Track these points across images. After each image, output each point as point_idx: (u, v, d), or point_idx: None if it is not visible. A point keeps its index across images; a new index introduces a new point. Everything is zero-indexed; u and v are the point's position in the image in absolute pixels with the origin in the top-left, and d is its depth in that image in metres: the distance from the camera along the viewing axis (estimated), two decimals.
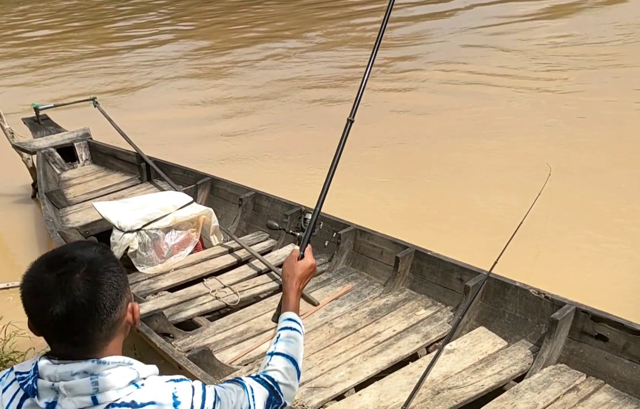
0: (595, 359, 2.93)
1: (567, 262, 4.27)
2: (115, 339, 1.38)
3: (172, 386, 1.38)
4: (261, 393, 1.56)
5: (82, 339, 1.32)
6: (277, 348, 1.68)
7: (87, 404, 1.29)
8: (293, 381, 1.64)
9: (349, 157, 6.35)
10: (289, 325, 1.75)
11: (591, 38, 9.63)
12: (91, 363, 1.31)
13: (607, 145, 6.01)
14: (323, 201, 2.08)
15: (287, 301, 1.82)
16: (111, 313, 1.34)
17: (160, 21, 17.23)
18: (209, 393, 1.43)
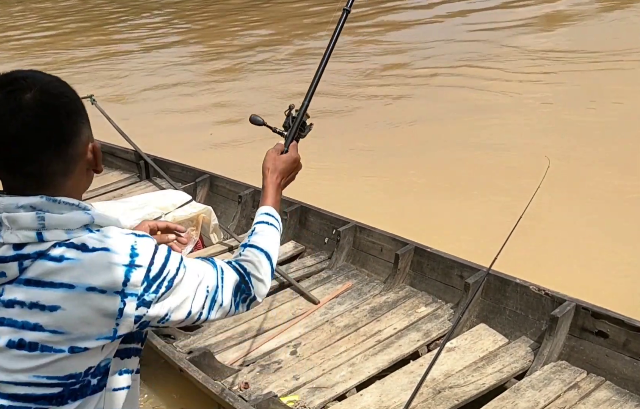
0: (595, 356, 2.93)
1: (567, 258, 4.27)
2: (72, 179, 1.28)
3: (133, 239, 1.27)
4: (231, 277, 1.44)
5: (36, 170, 1.22)
6: (250, 240, 1.54)
7: (31, 239, 1.20)
8: (266, 276, 1.50)
9: (346, 155, 6.41)
10: (266, 219, 1.60)
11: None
12: (39, 198, 1.21)
13: (609, 140, 6.00)
14: (312, 95, 1.87)
15: (266, 196, 1.66)
16: (68, 143, 1.24)
17: (163, 23, 17.16)
18: (174, 256, 1.32)
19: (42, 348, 1.19)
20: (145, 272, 1.25)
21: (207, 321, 1.40)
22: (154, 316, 1.27)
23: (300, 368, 3.18)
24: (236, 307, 1.44)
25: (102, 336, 1.22)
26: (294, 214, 4.48)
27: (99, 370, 1.26)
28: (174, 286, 1.29)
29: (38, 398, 1.21)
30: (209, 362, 3.14)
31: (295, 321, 3.59)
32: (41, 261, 1.20)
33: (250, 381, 3.10)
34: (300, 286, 3.88)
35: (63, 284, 1.19)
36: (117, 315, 1.22)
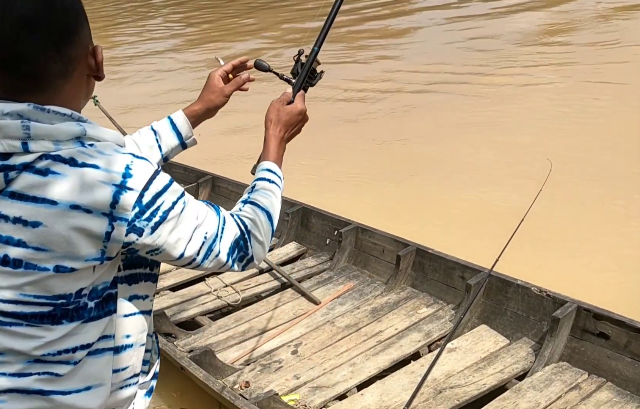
0: (597, 358, 2.93)
1: (568, 259, 4.26)
2: (71, 84, 1.21)
3: (129, 159, 1.19)
4: (232, 230, 1.35)
5: (32, 70, 1.15)
6: (251, 197, 1.44)
7: (16, 149, 1.13)
8: (266, 238, 1.40)
9: (344, 155, 6.41)
10: (267, 176, 1.49)
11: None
12: (27, 106, 1.15)
13: (612, 138, 6.00)
14: (323, 39, 1.74)
15: (267, 150, 1.55)
16: (66, 41, 1.17)
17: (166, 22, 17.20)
18: (174, 188, 1.24)
19: (27, 265, 1.16)
20: (138, 197, 1.17)
21: (200, 268, 1.33)
22: (144, 246, 1.21)
23: (301, 368, 3.18)
24: (232, 263, 1.35)
25: (90, 257, 1.16)
26: (296, 215, 4.49)
27: (96, 293, 1.21)
28: (168, 218, 1.22)
29: (27, 316, 1.18)
30: (210, 361, 3.15)
31: (297, 321, 3.59)
32: (26, 173, 1.14)
33: (251, 380, 3.10)
34: (302, 286, 3.88)
35: (46, 200, 1.14)
36: (103, 238, 1.16)
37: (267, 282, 4.07)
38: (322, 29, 1.74)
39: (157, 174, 1.21)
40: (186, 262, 1.29)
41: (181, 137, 1.79)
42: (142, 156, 1.22)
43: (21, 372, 1.20)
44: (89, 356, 1.24)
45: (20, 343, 1.19)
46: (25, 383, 1.21)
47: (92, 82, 1.27)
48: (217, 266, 1.34)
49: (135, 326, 1.30)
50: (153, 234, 1.20)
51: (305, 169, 6.17)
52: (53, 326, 1.19)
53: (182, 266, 1.31)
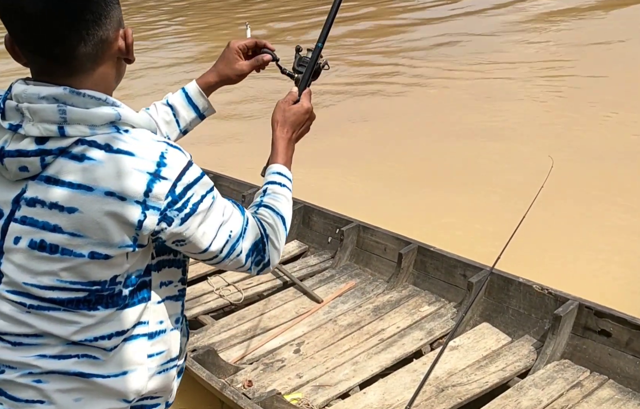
0: (598, 355, 2.94)
1: (570, 257, 4.27)
2: (103, 67, 1.21)
3: (164, 147, 1.20)
4: (253, 231, 1.36)
5: (63, 52, 1.15)
6: (265, 201, 1.44)
7: (53, 133, 1.14)
8: (281, 244, 1.41)
9: (353, 155, 6.41)
10: (279, 180, 1.48)
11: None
12: (63, 90, 1.15)
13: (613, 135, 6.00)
14: (327, 34, 1.68)
15: (276, 152, 1.53)
16: (97, 23, 1.16)
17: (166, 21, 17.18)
18: (205, 181, 1.24)
19: (63, 251, 1.17)
20: (171, 187, 1.18)
21: (221, 265, 1.34)
22: (172, 235, 1.22)
23: (304, 366, 3.19)
24: (250, 266, 1.36)
25: (123, 244, 1.18)
26: (297, 213, 4.49)
27: (130, 281, 1.23)
28: (198, 211, 1.22)
29: (64, 301, 1.20)
30: (212, 360, 3.15)
31: (299, 320, 3.60)
32: (63, 158, 1.16)
33: (253, 379, 3.11)
34: (304, 285, 3.89)
35: (82, 186, 1.14)
36: (136, 226, 1.17)
37: (269, 281, 4.08)
38: (325, 23, 1.69)
39: (190, 165, 1.22)
40: (209, 257, 1.30)
41: (198, 110, 1.75)
42: (175, 145, 1.22)
43: (61, 354, 1.23)
44: (125, 342, 1.26)
45: (58, 327, 1.21)
46: (66, 365, 1.23)
47: (123, 65, 1.27)
48: (235, 266, 1.35)
49: (167, 311, 1.32)
50: (182, 225, 1.21)
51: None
52: (89, 312, 1.22)
53: (203, 261, 1.32)
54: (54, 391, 1.23)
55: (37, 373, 1.23)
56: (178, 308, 1.36)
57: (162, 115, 1.73)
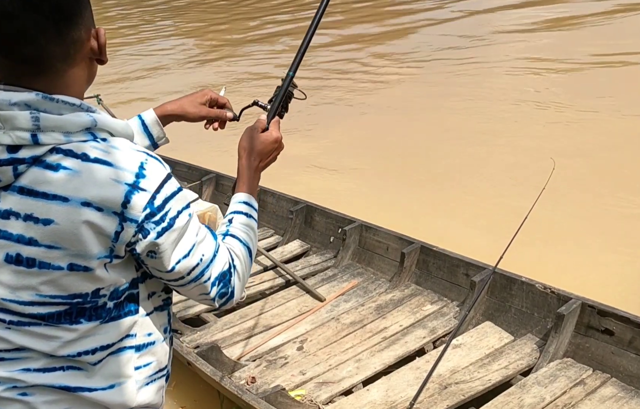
0: (601, 354, 2.95)
1: (573, 256, 4.28)
2: (74, 68, 1.17)
3: (143, 157, 1.16)
4: (223, 259, 1.30)
5: (33, 53, 1.11)
6: (231, 231, 1.38)
7: (26, 141, 1.10)
8: (245, 276, 1.36)
9: (353, 155, 6.43)
10: (245, 210, 1.43)
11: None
12: (35, 96, 1.11)
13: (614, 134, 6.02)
14: (298, 65, 1.65)
15: (242, 180, 1.47)
16: (68, 22, 1.12)
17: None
18: (182, 196, 1.20)
19: (40, 264, 1.13)
20: (150, 199, 1.15)
21: (182, 290, 1.28)
22: (146, 247, 1.18)
23: (307, 363, 3.20)
24: (214, 296, 1.30)
25: (101, 255, 1.14)
26: (300, 213, 4.50)
27: (115, 294, 1.20)
28: (174, 227, 1.19)
29: (45, 316, 1.17)
30: (216, 356, 3.16)
31: (302, 318, 3.61)
32: (37, 168, 1.12)
33: (257, 376, 3.12)
34: (306, 283, 3.90)
35: (57, 196, 1.11)
36: (112, 237, 1.14)
37: (271, 279, 4.09)
38: (297, 52, 1.65)
39: (169, 178, 1.19)
40: (175, 277, 1.24)
41: (152, 138, 1.70)
42: (155, 156, 1.19)
43: (45, 367, 1.20)
44: (111, 355, 1.23)
45: (39, 343, 1.19)
46: (51, 378, 1.21)
47: (95, 66, 1.23)
48: (199, 292, 1.29)
49: (155, 323, 1.29)
50: (158, 238, 1.17)
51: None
52: (71, 326, 1.19)
53: (166, 281, 1.27)
54: (41, 403, 1.21)
55: (22, 387, 1.20)
56: (165, 317, 1.34)
57: None
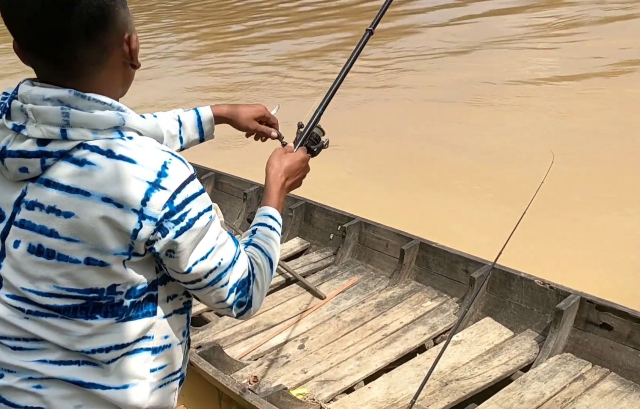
0: (600, 348, 2.97)
1: (571, 251, 4.31)
2: (107, 71, 1.19)
3: (168, 156, 1.17)
4: (243, 265, 1.31)
5: (65, 55, 1.14)
6: (254, 240, 1.41)
7: (55, 136, 1.13)
8: (265, 286, 1.37)
9: (353, 155, 6.44)
10: (270, 223, 1.45)
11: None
12: (68, 92, 1.14)
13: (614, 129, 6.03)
14: (325, 106, 1.77)
15: (269, 195, 1.51)
16: (99, 27, 1.14)
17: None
18: (204, 198, 1.22)
19: (59, 256, 1.16)
20: (170, 198, 1.16)
21: (199, 293, 1.28)
22: (165, 247, 1.18)
23: (308, 362, 3.22)
24: (231, 304, 1.30)
25: (118, 251, 1.15)
26: (299, 210, 4.51)
27: (134, 293, 1.21)
28: (193, 227, 1.19)
29: (61, 309, 1.19)
30: (218, 356, 3.18)
31: (302, 316, 3.63)
32: (63, 161, 1.14)
33: (259, 375, 3.14)
34: (307, 281, 3.92)
35: (79, 190, 1.13)
36: (131, 234, 1.14)
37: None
38: (325, 96, 1.77)
39: (192, 178, 1.20)
40: (191, 279, 1.25)
41: (202, 134, 1.83)
42: (179, 156, 1.20)
43: (61, 360, 1.21)
44: (127, 355, 1.24)
45: (55, 335, 1.20)
46: (66, 371, 1.22)
47: (130, 70, 1.24)
48: (215, 298, 1.29)
49: (172, 326, 1.30)
50: (176, 238, 1.18)
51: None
52: (86, 321, 1.20)
53: (184, 283, 1.27)
54: (54, 397, 1.22)
55: (37, 379, 1.21)
56: (184, 321, 1.34)
57: (168, 127, 1.76)
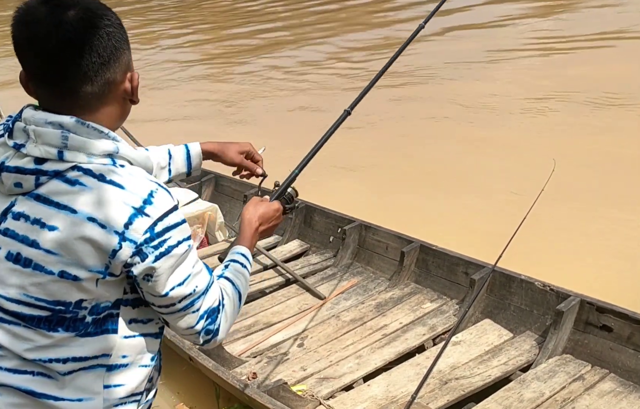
0: (600, 349, 2.98)
1: (571, 254, 4.32)
2: (108, 105, 1.28)
3: (155, 186, 1.25)
4: (214, 295, 1.37)
5: (70, 89, 1.23)
6: (226, 274, 1.48)
7: (52, 156, 1.21)
8: (232, 318, 1.42)
9: (353, 156, 6.45)
10: (241, 260, 1.53)
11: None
12: (69, 119, 1.22)
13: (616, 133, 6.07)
14: (304, 166, 1.95)
15: (243, 236, 1.59)
16: (106, 66, 1.24)
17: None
18: (184, 228, 1.28)
19: (35, 266, 1.21)
20: (151, 224, 1.22)
21: (171, 318, 1.33)
22: (143, 271, 1.24)
23: (308, 360, 3.22)
24: (200, 330, 1.35)
25: (94, 269, 1.21)
26: (299, 213, 4.52)
27: (96, 310, 1.25)
28: (172, 254, 1.25)
29: (26, 317, 1.24)
30: (217, 352, 3.17)
31: (302, 316, 3.63)
32: (57, 180, 1.21)
33: (258, 372, 3.14)
34: (306, 282, 3.92)
35: (67, 207, 1.20)
36: (110, 254, 1.20)
37: (271, 278, 4.11)
38: (303, 161, 1.94)
39: (175, 209, 1.27)
40: (167, 303, 1.30)
41: (190, 168, 1.88)
42: (165, 187, 1.28)
43: (16, 369, 1.26)
44: (83, 369, 1.27)
45: (15, 343, 1.25)
46: (19, 380, 1.26)
47: (128, 105, 1.34)
48: (186, 323, 1.34)
49: (133, 348, 1.32)
50: (155, 262, 1.23)
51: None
52: (48, 332, 1.24)
53: (158, 306, 1.31)
54: (4, 405, 1.25)
55: None
56: (155, 346, 1.37)
57: (159, 159, 1.82)
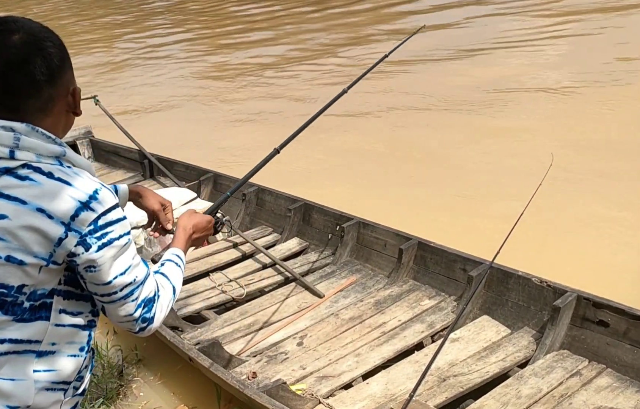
0: (597, 345, 3.00)
1: (568, 250, 4.33)
2: (52, 118, 1.40)
3: (99, 185, 1.37)
4: (151, 285, 1.49)
5: (16, 105, 1.35)
6: (162, 270, 1.61)
7: (4, 155, 1.32)
8: (166, 309, 1.54)
9: (353, 155, 6.46)
10: (176, 260, 1.67)
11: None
12: (20, 124, 1.34)
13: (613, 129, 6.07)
14: (236, 190, 2.24)
15: (177, 239, 1.75)
16: (49, 84, 1.37)
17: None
18: (125, 224, 1.40)
19: None
20: (96, 218, 1.34)
21: (112, 307, 1.42)
22: (86, 261, 1.35)
23: (307, 358, 3.24)
24: (137, 318, 1.46)
25: (39, 255, 1.32)
26: (298, 211, 4.54)
27: (34, 296, 1.35)
28: (113, 245, 1.37)
29: None
30: (217, 352, 3.19)
31: (301, 314, 3.65)
32: (8, 176, 1.33)
33: (257, 371, 3.16)
34: (305, 280, 3.94)
35: (17, 199, 1.31)
36: (55, 242, 1.31)
37: (270, 277, 4.13)
38: (235, 186, 2.21)
39: (117, 207, 1.40)
40: (109, 291, 1.40)
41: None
42: (108, 187, 1.41)
43: None
44: (16, 352, 1.35)
45: None
46: None
47: (71, 117, 1.46)
48: (124, 312, 1.44)
49: (63, 336, 1.41)
50: (98, 252, 1.35)
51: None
52: None
53: (100, 295, 1.41)
54: None
55: None
56: (84, 338, 1.45)
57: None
